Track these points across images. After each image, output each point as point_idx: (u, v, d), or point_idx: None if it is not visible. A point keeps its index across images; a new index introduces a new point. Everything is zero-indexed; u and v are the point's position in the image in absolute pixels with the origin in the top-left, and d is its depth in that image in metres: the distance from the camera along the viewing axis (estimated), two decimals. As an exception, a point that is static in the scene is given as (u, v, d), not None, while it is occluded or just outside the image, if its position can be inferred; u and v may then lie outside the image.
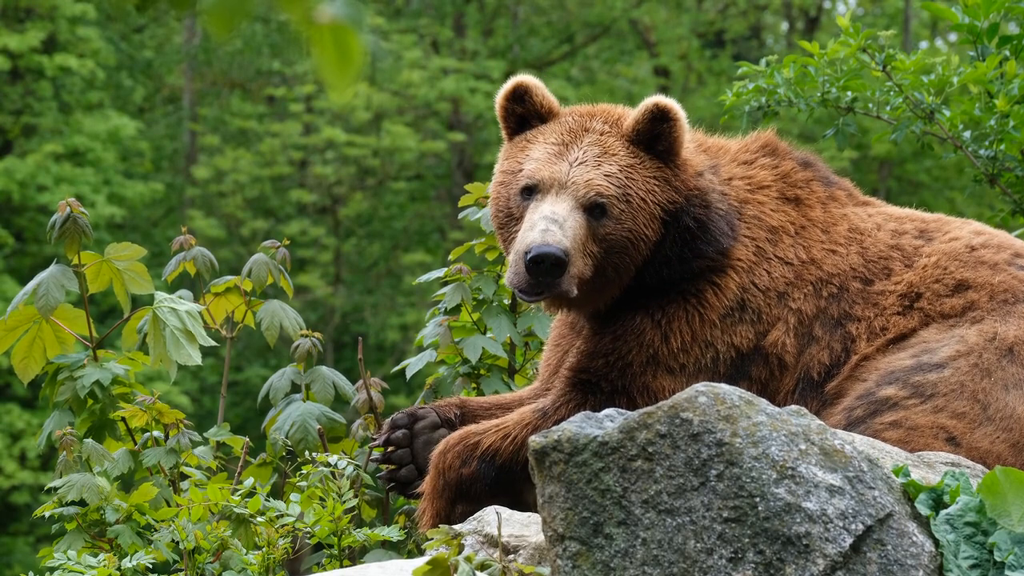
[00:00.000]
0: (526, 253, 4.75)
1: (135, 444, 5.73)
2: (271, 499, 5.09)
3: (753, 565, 3.38)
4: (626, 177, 4.91)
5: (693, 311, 4.90)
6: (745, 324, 4.89)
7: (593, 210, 4.87)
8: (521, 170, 5.01)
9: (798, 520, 3.40)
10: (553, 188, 4.90)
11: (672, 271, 4.93)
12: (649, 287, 4.95)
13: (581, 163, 4.93)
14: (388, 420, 5.21)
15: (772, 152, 5.17)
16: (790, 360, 4.84)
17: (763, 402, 3.55)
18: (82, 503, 5.41)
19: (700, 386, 3.54)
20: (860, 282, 4.91)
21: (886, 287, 4.88)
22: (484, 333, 6.01)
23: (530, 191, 4.95)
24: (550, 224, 4.79)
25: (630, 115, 5.03)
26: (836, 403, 4.74)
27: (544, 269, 4.73)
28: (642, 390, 4.85)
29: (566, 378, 4.97)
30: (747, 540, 3.40)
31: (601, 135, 4.99)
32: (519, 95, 5.13)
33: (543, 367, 5.29)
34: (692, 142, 5.13)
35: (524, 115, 5.14)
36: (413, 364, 6.07)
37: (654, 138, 4.98)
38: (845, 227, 5.02)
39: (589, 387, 4.90)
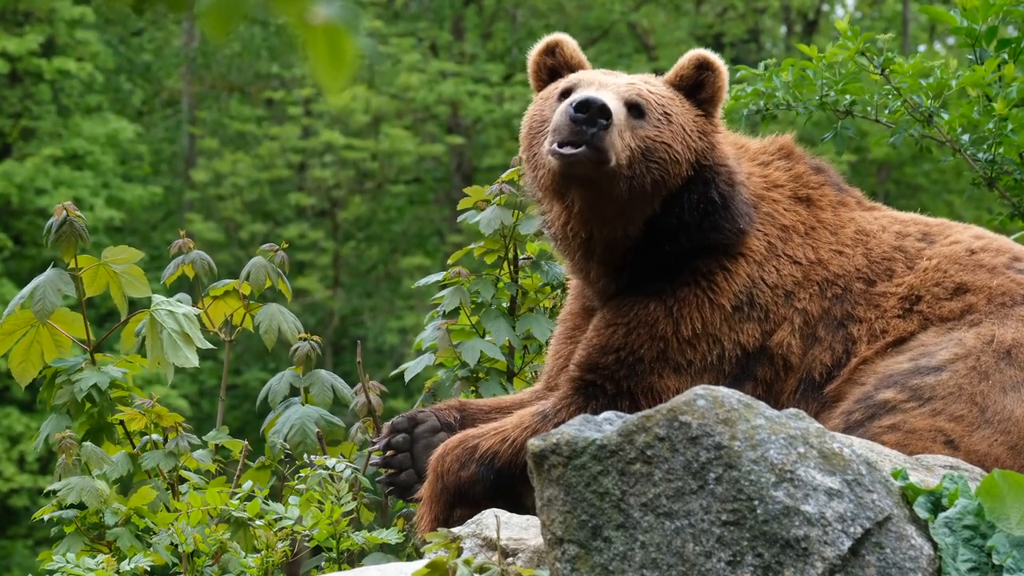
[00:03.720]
0: (571, 104, 4.72)
1: (134, 447, 5.73)
2: (270, 502, 5.09)
3: (752, 568, 3.38)
4: (667, 101, 4.95)
5: (703, 295, 4.88)
6: (752, 322, 4.88)
7: (632, 108, 4.86)
8: (558, 87, 5.04)
9: (797, 523, 3.40)
10: (594, 84, 4.92)
11: (691, 241, 4.91)
12: (663, 262, 4.92)
13: (623, 77, 4.98)
14: (388, 424, 5.20)
15: (787, 155, 5.20)
16: (795, 361, 4.84)
17: (762, 405, 3.55)
18: (81, 506, 5.41)
19: (699, 389, 3.54)
20: (863, 283, 4.92)
21: (888, 288, 4.88)
22: (483, 336, 6.01)
23: (568, 93, 4.96)
24: (593, 92, 4.78)
25: (672, 68, 5.10)
26: (835, 406, 4.74)
27: (589, 118, 4.68)
28: (647, 391, 4.83)
29: (572, 378, 4.95)
30: (746, 543, 3.40)
31: (642, 76, 5.07)
32: (551, 49, 5.20)
33: (550, 360, 5.25)
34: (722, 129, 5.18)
35: (555, 67, 5.19)
36: (412, 367, 6.06)
37: (696, 86, 5.02)
38: (852, 229, 5.03)
39: (593, 389, 4.88)
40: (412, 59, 27.44)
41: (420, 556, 4.91)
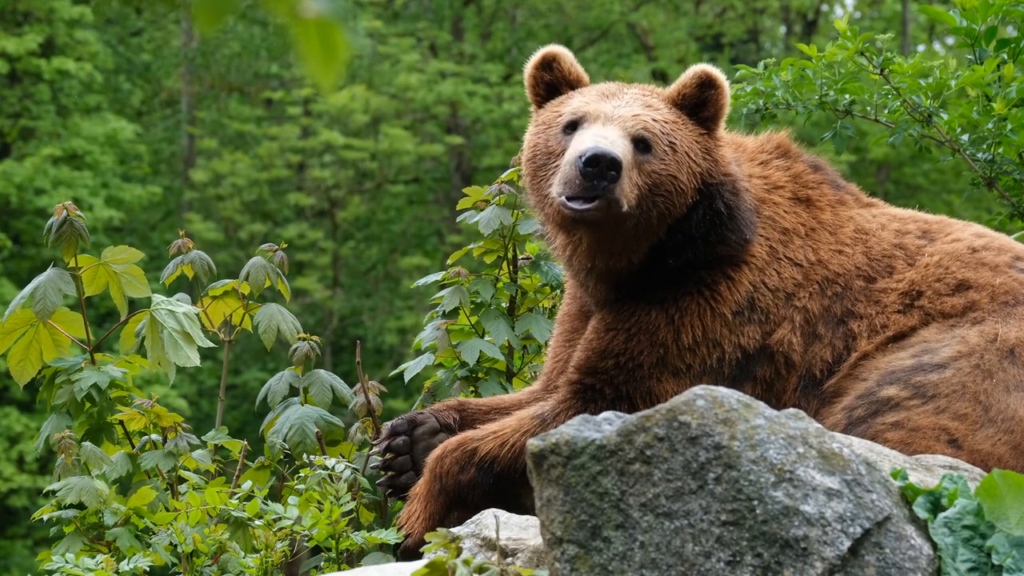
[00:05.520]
0: (579, 156, 4.67)
1: (133, 447, 5.73)
2: (269, 502, 5.09)
3: (751, 568, 3.38)
4: (671, 128, 4.89)
5: (705, 304, 4.87)
6: (753, 325, 4.87)
7: (639, 143, 4.82)
8: (561, 114, 4.98)
9: (796, 523, 3.40)
10: (600, 119, 4.87)
11: (696, 253, 4.89)
12: (667, 272, 4.91)
13: (627, 105, 4.92)
14: (387, 426, 5.19)
15: (785, 154, 5.18)
16: (796, 359, 4.83)
17: (761, 405, 3.55)
18: (80, 506, 5.41)
19: (698, 389, 3.54)
20: (863, 280, 4.91)
21: (888, 284, 4.88)
22: (482, 336, 6.00)
23: (574, 126, 4.91)
24: (600, 137, 4.74)
25: (673, 83, 5.05)
26: (835, 402, 4.73)
27: (599, 172, 4.64)
28: (645, 395, 4.82)
29: (571, 381, 4.94)
30: (745, 543, 3.40)
31: (643, 94, 5.01)
32: (547, 63, 5.14)
33: (550, 362, 5.24)
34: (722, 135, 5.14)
35: (552, 82, 5.14)
36: (411, 367, 6.06)
37: (699, 104, 4.98)
38: (851, 228, 5.02)
39: (592, 393, 4.87)
40: (411, 59, 27.45)
41: (405, 552, 4.91)
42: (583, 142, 4.73)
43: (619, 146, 4.73)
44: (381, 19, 28.89)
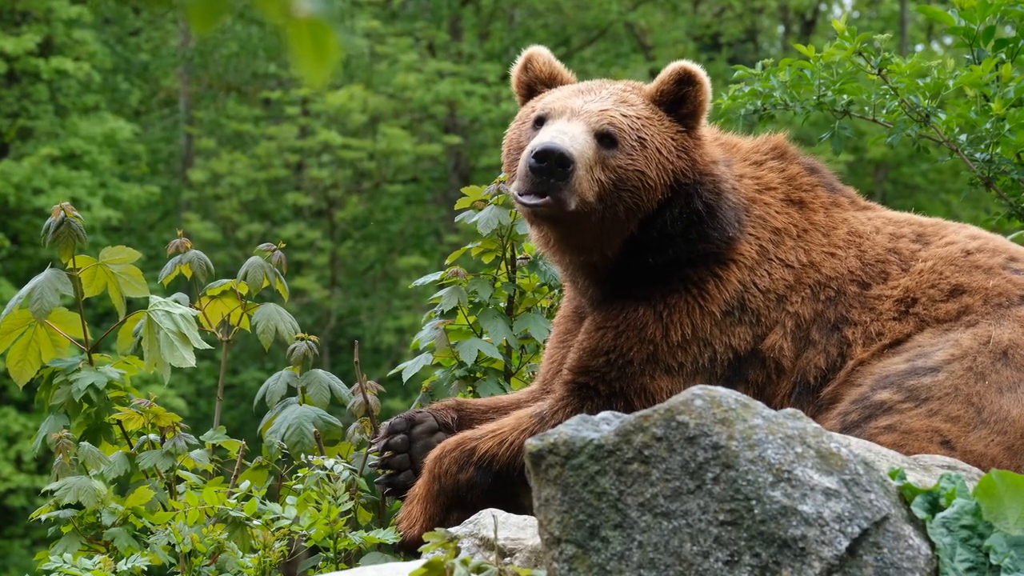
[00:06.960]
0: (531, 151, 4.69)
1: (131, 447, 5.73)
2: (267, 502, 5.09)
3: (749, 568, 3.38)
4: (642, 124, 4.88)
5: (694, 302, 4.87)
6: (744, 326, 4.87)
7: (603, 138, 4.81)
8: (535, 109, 5.01)
9: (794, 523, 3.40)
10: (565, 114, 4.88)
11: (677, 252, 4.89)
12: (652, 270, 4.91)
13: (597, 101, 4.92)
14: (386, 424, 5.19)
15: (781, 155, 5.17)
16: (787, 364, 4.83)
17: (759, 405, 3.55)
18: (78, 506, 5.40)
19: (696, 389, 3.54)
20: (857, 286, 4.90)
21: (883, 291, 4.87)
22: (480, 336, 6.00)
23: (541, 121, 4.94)
24: (558, 133, 4.74)
25: (654, 80, 5.05)
26: (831, 408, 4.73)
27: (547, 168, 4.65)
28: (640, 392, 4.83)
29: (565, 381, 4.95)
30: (743, 543, 3.40)
31: (622, 90, 5.01)
32: (526, 64, 5.18)
33: (545, 363, 5.26)
34: (708, 134, 5.13)
35: (529, 83, 5.16)
36: (409, 367, 6.06)
37: (677, 101, 4.97)
38: (845, 230, 5.01)
39: (587, 391, 4.88)
40: (409, 59, 27.44)
41: (408, 552, 4.91)
42: (540, 138, 4.75)
43: (579, 141, 4.73)
44: (379, 19, 28.89)
